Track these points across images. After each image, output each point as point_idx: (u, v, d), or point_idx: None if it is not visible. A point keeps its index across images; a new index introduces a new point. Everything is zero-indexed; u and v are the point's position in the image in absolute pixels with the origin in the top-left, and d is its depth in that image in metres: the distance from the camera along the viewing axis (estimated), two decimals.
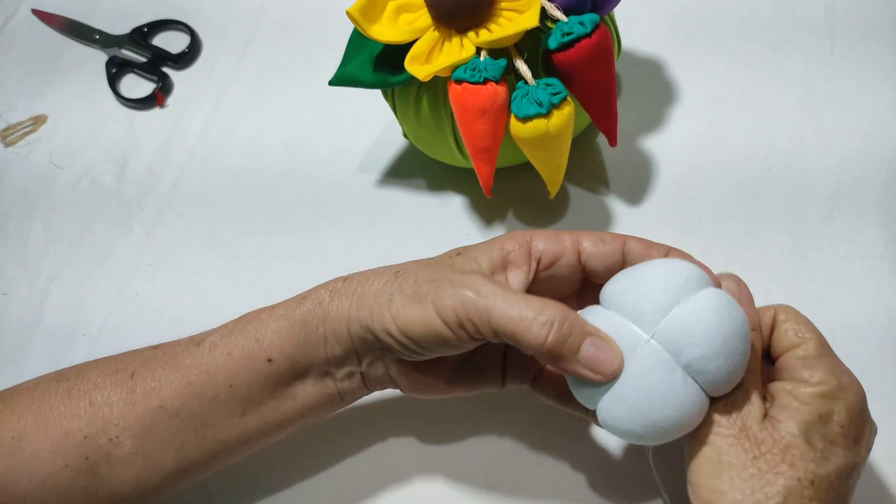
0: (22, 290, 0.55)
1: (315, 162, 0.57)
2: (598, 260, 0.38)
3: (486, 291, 0.35)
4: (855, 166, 0.51)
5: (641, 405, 0.34)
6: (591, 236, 0.38)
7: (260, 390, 0.39)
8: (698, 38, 0.57)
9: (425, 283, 0.36)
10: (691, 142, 0.53)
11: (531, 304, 0.34)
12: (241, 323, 0.40)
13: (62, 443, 0.39)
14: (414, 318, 0.36)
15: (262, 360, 0.39)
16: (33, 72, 0.65)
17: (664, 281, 0.35)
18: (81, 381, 0.40)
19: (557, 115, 0.42)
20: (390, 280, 0.38)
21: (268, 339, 0.39)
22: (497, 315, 0.34)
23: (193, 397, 0.39)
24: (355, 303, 0.38)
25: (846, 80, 0.54)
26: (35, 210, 0.58)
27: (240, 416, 0.40)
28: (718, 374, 0.34)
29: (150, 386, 0.39)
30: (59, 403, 0.39)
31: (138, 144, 0.60)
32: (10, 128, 0.63)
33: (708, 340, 0.34)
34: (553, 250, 0.38)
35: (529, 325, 0.34)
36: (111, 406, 0.39)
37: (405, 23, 0.46)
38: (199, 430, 0.39)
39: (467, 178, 0.51)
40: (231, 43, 0.64)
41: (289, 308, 0.40)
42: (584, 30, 0.42)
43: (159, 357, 0.40)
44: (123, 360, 0.41)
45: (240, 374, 0.39)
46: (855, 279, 0.47)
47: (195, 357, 0.39)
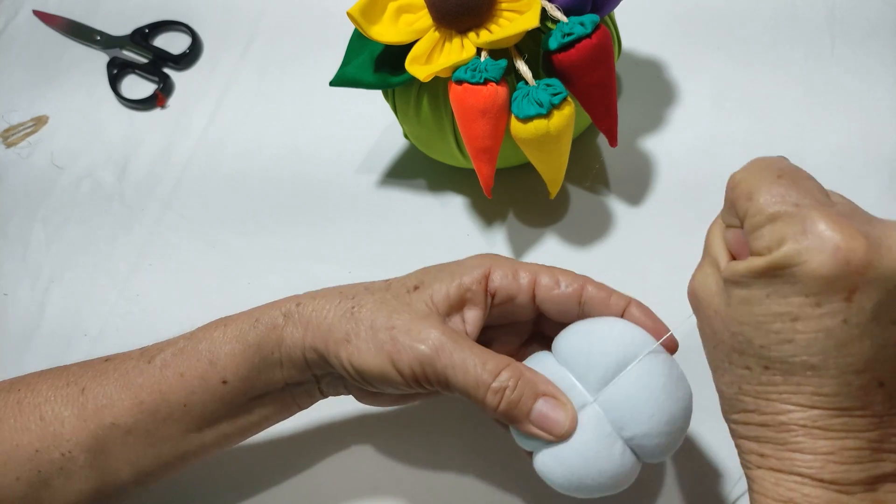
0: (23, 291, 0.55)
1: (316, 162, 0.57)
2: (552, 304, 0.38)
3: (444, 352, 0.35)
4: (855, 166, 0.51)
5: (578, 470, 0.34)
6: (549, 275, 0.38)
7: (215, 409, 0.39)
8: (698, 39, 0.57)
9: (382, 329, 0.36)
10: (691, 142, 0.53)
11: (487, 367, 0.35)
12: (193, 341, 0.39)
13: (13, 455, 0.38)
14: (370, 365, 0.36)
15: (216, 382, 0.38)
16: (34, 73, 0.65)
17: (614, 347, 0.35)
18: (32, 394, 0.39)
19: (558, 116, 0.43)
20: (346, 316, 0.37)
21: (222, 361, 0.38)
22: (453, 380, 0.35)
23: (147, 415, 0.38)
24: (310, 331, 0.38)
25: (846, 80, 0.54)
26: (36, 211, 0.59)
27: (197, 432, 0.39)
28: (658, 450, 0.35)
29: (102, 403, 0.38)
30: (8, 416, 0.39)
31: (139, 145, 0.60)
32: (12, 129, 0.63)
33: (653, 419, 0.34)
34: (508, 289, 0.38)
35: (485, 392, 0.35)
36: (62, 421, 0.38)
37: (406, 23, 0.46)
38: (154, 446, 0.39)
39: (468, 179, 0.51)
40: (232, 44, 0.64)
41: (242, 329, 0.39)
42: (585, 30, 0.42)
43: (110, 372, 0.39)
44: (75, 373, 0.40)
45: (194, 395, 0.38)
46: None
47: (147, 375, 0.39)
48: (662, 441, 0.34)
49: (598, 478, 0.34)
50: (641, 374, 0.34)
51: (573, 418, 0.34)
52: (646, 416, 0.34)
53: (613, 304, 0.37)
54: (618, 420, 0.34)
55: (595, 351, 0.35)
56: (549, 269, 0.38)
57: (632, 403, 0.34)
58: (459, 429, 0.46)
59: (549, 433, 0.35)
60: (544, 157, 0.46)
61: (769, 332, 0.29)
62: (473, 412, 0.45)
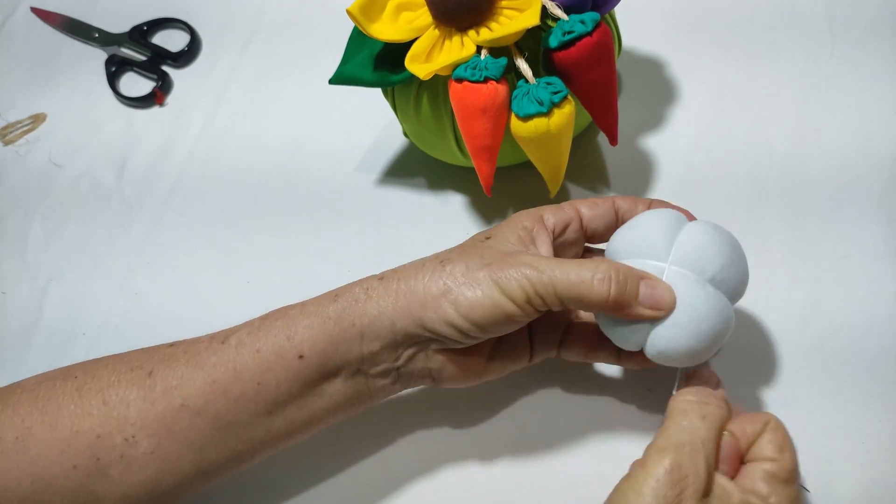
0: (21, 289, 0.55)
1: (315, 161, 0.57)
2: (598, 221, 0.42)
3: (544, 265, 0.37)
4: (856, 165, 0.51)
5: (691, 321, 0.37)
6: (585, 203, 0.42)
7: (288, 388, 0.39)
8: (699, 37, 0.57)
9: (479, 268, 0.38)
10: (692, 141, 0.53)
11: (585, 266, 0.37)
12: (269, 319, 0.39)
13: (71, 443, 0.37)
14: (479, 302, 0.37)
15: (292, 356, 0.38)
16: (32, 70, 0.65)
17: (662, 223, 0.40)
18: (92, 379, 0.39)
19: (558, 114, 0.42)
20: (437, 271, 0.38)
21: (299, 335, 0.38)
22: (560, 284, 0.37)
23: (219, 395, 0.38)
24: (400, 299, 0.38)
25: (847, 79, 0.54)
26: (34, 209, 0.58)
27: (266, 416, 0.39)
28: (738, 277, 0.39)
29: (172, 384, 0.38)
30: (67, 402, 0.38)
31: (138, 143, 0.60)
32: (9, 126, 0.63)
33: (722, 251, 0.39)
34: (562, 220, 0.41)
35: (591, 285, 0.37)
36: (128, 404, 0.38)
37: (405, 21, 0.46)
38: (222, 430, 0.38)
39: (468, 177, 0.51)
40: (231, 41, 0.64)
41: (320, 305, 0.39)
42: (585, 28, 0.42)
43: (179, 355, 0.39)
44: (138, 358, 0.40)
45: (269, 372, 0.38)
46: (856, 279, 0.47)
47: (220, 355, 0.39)
48: (739, 269, 0.39)
49: (709, 318, 0.37)
50: (693, 229, 0.39)
51: (672, 291, 0.37)
52: (715, 253, 0.38)
53: (641, 206, 0.42)
54: (696, 267, 0.38)
55: (650, 231, 0.40)
56: (580, 199, 0.43)
57: (699, 248, 0.38)
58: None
59: (659, 308, 0.37)
60: (544, 156, 0.46)
61: None
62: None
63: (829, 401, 0.44)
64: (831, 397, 0.44)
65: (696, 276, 0.38)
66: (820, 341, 0.45)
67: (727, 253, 0.39)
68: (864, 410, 0.43)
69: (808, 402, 0.44)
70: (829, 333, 0.46)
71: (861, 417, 0.43)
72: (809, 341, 0.46)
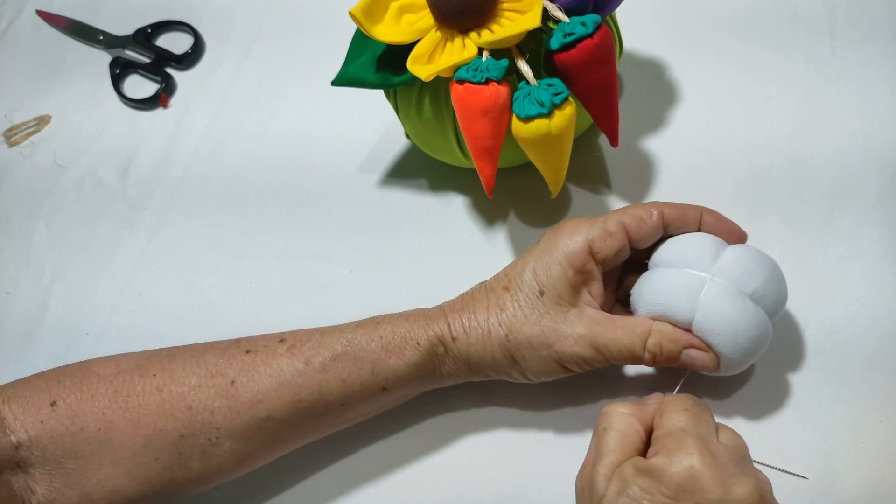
0: (25, 290, 0.55)
1: (317, 162, 0.57)
2: (643, 239, 0.43)
3: (600, 343, 0.41)
4: (855, 167, 0.51)
5: (728, 331, 0.39)
6: (633, 220, 0.42)
7: (369, 407, 0.43)
8: (700, 39, 0.57)
9: (541, 346, 0.41)
10: (692, 142, 0.53)
11: (634, 339, 0.41)
12: (352, 347, 0.42)
13: (155, 439, 0.39)
14: (544, 374, 0.42)
15: (377, 389, 0.42)
16: (37, 72, 0.66)
17: (709, 239, 0.42)
18: (172, 381, 0.40)
19: (559, 116, 0.43)
20: (502, 346, 0.42)
21: (384, 373, 0.42)
22: (613, 354, 0.41)
23: (303, 411, 0.41)
24: (472, 365, 0.42)
25: (847, 81, 0.54)
26: (39, 210, 0.59)
27: (342, 423, 0.44)
28: (778, 296, 0.41)
29: (258, 398, 0.40)
30: (149, 402, 0.40)
31: (142, 145, 0.60)
32: (14, 128, 0.63)
33: (764, 269, 0.41)
34: (612, 249, 0.42)
35: (640, 356, 0.41)
36: (212, 412, 0.40)
37: (407, 23, 0.46)
38: (299, 436, 0.42)
39: (469, 179, 0.52)
40: (234, 44, 0.64)
41: (402, 348, 0.42)
42: (586, 30, 0.42)
43: (259, 367, 0.41)
44: (215, 363, 0.41)
45: (353, 398, 0.42)
46: (855, 280, 0.47)
47: (306, 377, 0.41)
48: (779, 287, 0.42)
49: (747, 330, 0.40)
50: (737, 248, 0.42)
51: (714, 357, 0.41)
52: (758, 269, 0.41)
53: (691, 218, 0.43)
54: (738, 281, 0.40)
55: (696, 246, 0.42)
56: (626, 212, 0.43)
57: (743, 264, 0.41)
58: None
59: (701, 369, 0.41)
60: (546, 157, 0.46)
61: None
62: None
63: (828, 401, 0.44)
64: (831, 397, 0.44)
65: (737, 289, 0.40)
66: (820, 342, 0.46)
67: (768, 272, 0.41)
68: (863, 411, 0.43)
69: (808, 402, 0.44)
70: (829, 334, 0.46)
71: (861, 417, 0.43)
72: (809, 341, 0.46)
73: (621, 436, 0.37)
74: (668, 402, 0.37)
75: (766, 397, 0.44)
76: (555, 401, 0.46)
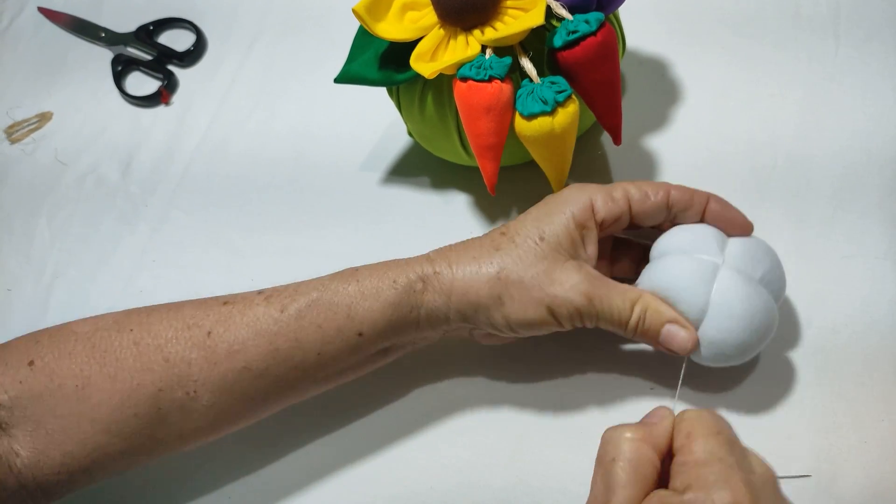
0: (26, 287, 0.55)
1: (319, 159, 0.57)
2: (647, 217, 0.42)
3: (595, 298, 0.40)
4: (858, 166, 0.51)
5: (746, 314, 0.40)
6: (637, 192, 0.42)
7: (346, 358, 0.41)
8: (703, 38, 0.57)
9: (534, 287, 0.40)
10: (695, 141, 0.53)
11: (624, 301, 0.40)
12: (327, 293, 0.41)
13: (132, 394, 0.39)
14: (530, 318, 0.40)
15: (352, 334, 0.41)
16: (39, 69, 0.66)
17: (712, 229, 0.42)
18: (149, 335, 0.40)
19: (562, 113, 0.43)
20: (492, 281, 0.40)
21: (359, 315, 0.40)
22: (604, 317, 0.40)
23: (280, 361, 0.40)
24: (454, 297, 0.41)
25: (850, 80, 0.54)
26: (40, 207, 0.59)
27: (323, 381, 0.42)
28: (780, 282, 0.42)
29: (234, 348, 0.40)
30: (126, 356, 0.39)
31: (143, 142, 0.61)
32: (16, 125, 0.63)
33: (769, 256, 0.42)
34: (613, 214, 0.42)
35: (626, 323, 0.41)
36: (189, 363, 0.39)
37: (411, 20, 0.46)
38: (280, 387, 0.41)
39: (472, 177, 0.52)
40: (236, 41, 0.64)
41: (378, 288, 0.41)
42: (590, 28, 0.42)
43: (236, 317, 0.40)
44: (192, 315, 0.41)
45: (329, 345, 0.40)
46: (858, 279, 0.47)
47: (282, 325, 0.40)
48: (782, 274, 0.42)
49: (761, 312, 0.40)
50: (739, 238, 0.43)
51: (694, 337, 0.40)
52: (763, 257, 0.42)
53: (697, 202, 0.42)
54: (747, 266, 0.41)
55: (702, 233, 0.42)
56: (634, 184, 0.42)
57: (749, 251, 0.42)
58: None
59: (675, 350, 0.40)
60: (548, 155, 0.46)
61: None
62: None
63: (831, 399, 0.44)
64: (833, 396, 0.44)
65: (748, 274, 0.41)
66: (822, 340, 0.46)
67: (771, 258, 0.42)
68: (865, 410, 0.43)
69: (809, 402, 0.44)
70: (832, 332, 0.46)
71: (863, 417, 0.43)
72: (812, 340, 0.46)
73: (633, 467, 0.33)
74: (696, 423, 0.34)
75: (769, 395, 0.44)
76: (555, 398, 0.46)
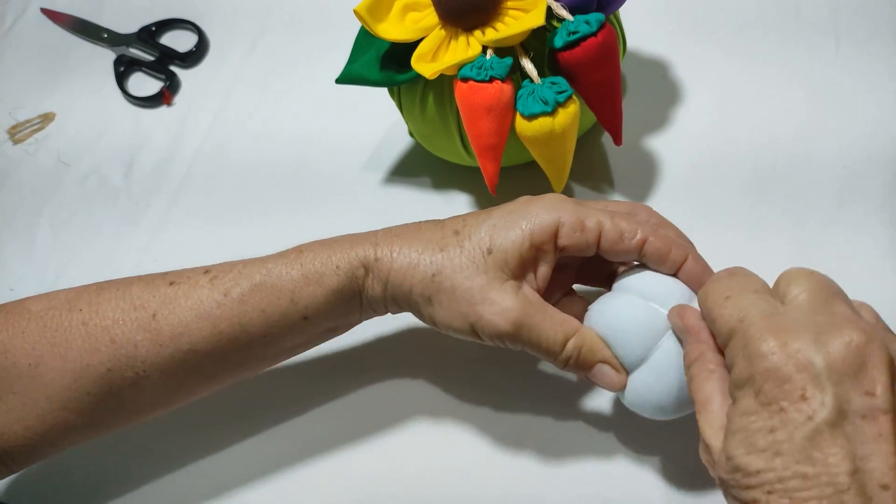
0: (29, 287, 0.55)
1: (321, 160, 0.57)
2: (615, 255, 0.40)
3: (523, 328, 0.38)
4: (859, 167, 0.51)
5: (678, 382, 0.38)
6: (612, 227, 0.39)
7: (292, 339, 0.42)
8: (703, 38, 0.57)
9: (463, 300, 0.39)
10: (696, 141, 0.53)
11: (557, 334, 0.39)
12: (271, 277, 0.40)
13: (83, 374, 0.39)
14: (454, 326, 0.40)
15: (297, 317, 0.40)
16: (42, 70, 0.66)
17: (682, 288, 0.40)
18: (97, 315, 0.40)
19: (563, 114, 0.43)
20: (426, 281, 0.39)
21: (303, 301, 0.40)
22: (530, 341, 0.39)
23: (226, 343, 0.40)
24: (390, 287, 0.40)
25: (851, 80, 0.54)
26: (42, 207, 0.59)
27: (272, 358, 0.43)
28: None
29: (178, 331, 0.40)
30: (75, 337, 0.40)
31: (146, 142, 0.61)
32: (19, 125, 0.63)
33: None
34: (579, 245, 0.40)
35: (555, 357, 0.39)
36: (135, 345, 0.40)
37: (412, 21, 0.46)
38: (228, 369, 0.42)
39: (472, 177, 0.52)
40: (238, 42, 0.65)
41: (322, 273, 0.40)
42: (590, 29, 0.42)
43: (181, 299, 0.40)
44: (139, 296, 0.41)
45: (274, 328, 0.40)
46: (859, 279, 0.47)
47: (225, 308, 0.40)
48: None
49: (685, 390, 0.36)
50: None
51: (624, 381, 0.39)
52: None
53: (673, 259, 0.40)
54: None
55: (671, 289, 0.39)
56: (611, 218, 0.39)
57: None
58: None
59: (603, 387, 0.40)
60: (549, 155, 0.46)
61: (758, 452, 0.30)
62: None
63: None
64: None
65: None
66: None
67: None
68: None
69: None
70: None
71: None
72: None
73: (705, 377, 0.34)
74: (707, 297, 0.34)
75: None
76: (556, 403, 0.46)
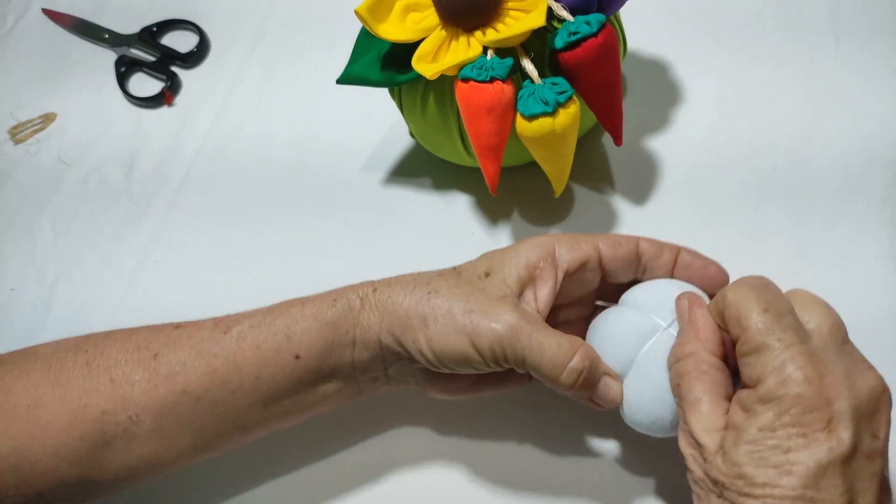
0: (30, 287, 0.55)
1: (322, 160, 0.57)
2: (618, 263, 0.40)
3: (522, 333, 0.37)
4: (859, 167, 0.51)
5: (662, 383, 0.37)
6: (607, 242, 0.40)
7: (284, 385, 0.40)
8: (703, 39, 0.57)
9: (460, 313, 0.38)
10: (696, 142, 0.54)
11: (562, 349, 0.37)
12: (271, 316, 0.41)
13: (79, 416, 0.39)
14: (451, 347, 0.38)
15: (289, 356, 0.40)
16: (43, 70, 0.66)
17: (676, 288, 0.39)
18: (101, 356, 0.40)
19: (563, 114, 0.43)
20: (422, 302, 0.39)
21: (297, 336, 0.40)
22: (530, 360, 0.37)
23: (218, 385, 0.40)
24: (386, 317, 0.39)
25: (851, 80, 0.54)
26: (43, 207, 0.59)
27: (262, 407, 0.41)
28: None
29: (175, 370, 0.40)
30: (77, 376, 0.40)
31: (146, 143, 0.61)
32: (20, 125, 0.63)
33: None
34: (578, 258, 0.40)
35: (561, 372, 0.37)
36: (132, 384, 0.39)
37: (413, 22, 0.46)
38: (219, 416, 0.40)
39: (473, 177, 0.52)
40: (239, 42, 0.65)
41: (319, 308, 0.40)
42: (591, 29, 0.42)
43: (183, 339, 0.41)
44: (144, 338, 0.41)
45: (266, 368, 0.40)
46: (859, 279, 0.47)
47: (222, 345, 0.40)
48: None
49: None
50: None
51: (621, 386, 0.38)
52: None
53: (666, 252, 0.40)
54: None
55: (663, 294, 0.39)
56: (603, 234, 0.41)
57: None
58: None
59: (604, 405, 0.38)
60: (549, 156, 0.46)
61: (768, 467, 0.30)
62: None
63: None
64: None
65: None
66: None
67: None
68: None
69: None
70: None
71: None
72: None
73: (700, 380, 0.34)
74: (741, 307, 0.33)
75: None
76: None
